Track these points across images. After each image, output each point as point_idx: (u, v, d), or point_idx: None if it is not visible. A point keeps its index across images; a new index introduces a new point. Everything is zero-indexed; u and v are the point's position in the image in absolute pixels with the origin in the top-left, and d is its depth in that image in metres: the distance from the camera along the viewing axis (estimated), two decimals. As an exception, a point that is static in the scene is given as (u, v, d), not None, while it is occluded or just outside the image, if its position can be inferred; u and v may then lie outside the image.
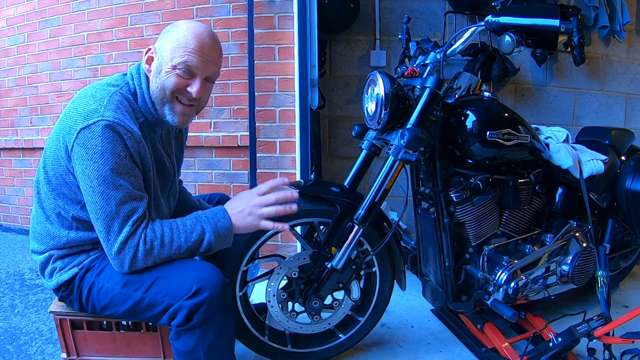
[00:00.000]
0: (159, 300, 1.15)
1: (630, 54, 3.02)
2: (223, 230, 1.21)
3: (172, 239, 1.16)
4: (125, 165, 1.12)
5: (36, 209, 1.28)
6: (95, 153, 1.09)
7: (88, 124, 1.10)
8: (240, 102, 2.67)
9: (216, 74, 1.26)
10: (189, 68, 1.18)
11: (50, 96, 3.15)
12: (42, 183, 1.24)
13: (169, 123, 1.24)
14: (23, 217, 3.42)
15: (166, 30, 1.22)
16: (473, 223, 1.61)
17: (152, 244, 1.14)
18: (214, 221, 1.20)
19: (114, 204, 1.11)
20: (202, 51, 1.18)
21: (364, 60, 2.82)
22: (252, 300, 1.64)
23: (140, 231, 1.13)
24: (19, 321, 1.99)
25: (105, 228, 1.12)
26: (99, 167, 1.10)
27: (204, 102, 1.28)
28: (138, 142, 1.15)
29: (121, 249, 1.12)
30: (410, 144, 1.38)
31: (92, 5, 2.92)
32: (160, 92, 1.21)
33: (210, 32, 1.22)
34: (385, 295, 1.63)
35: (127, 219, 1.12)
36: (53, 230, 1.23)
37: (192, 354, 1.16)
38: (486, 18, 1.45)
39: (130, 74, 1.26)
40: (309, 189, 1.53)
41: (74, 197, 1.19)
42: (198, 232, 1.18)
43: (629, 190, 1.80)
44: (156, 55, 1.21)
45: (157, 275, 1.16)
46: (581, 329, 1.47)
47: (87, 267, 1.23)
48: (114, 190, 1.11)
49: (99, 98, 1.14)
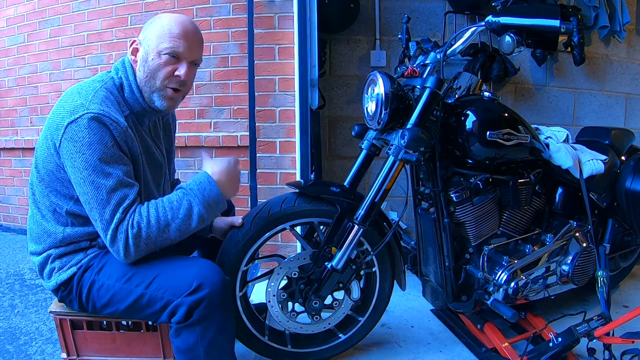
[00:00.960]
0: (159, 296, 1.16)
1: (630, 54, 3.02)
2: (212, 200, 1.21)
3: (159, 217, 1.16)
4: (114, 154, 1.15)
5: (32, 209, 1.30)
6: (83, 145, 1.12)
7: (74, 118, 1.13)
8: (240, 102, 2.67)
9: (200, 59, 1.32)
10: (176, 52, 1.23)
11: (50, 96, 3.15)
12: (35, 183, 1.26)
13: (157, 108, 1.28)
14: (23, 217, 3.42)
15: (149, 22, 1.28)
16: (473, 223, 1.61)
17: (139, 226, 1.14)
18: (200, 191, 1.20)
19: (104, 192, 1.13)
20: (186, 36, 1.24)
21: (364, 60, 2.82)
22: (252, 300, 1.64)
23: (128, 217, 1.14)
24: (19, 321, 1.99)
25: (98, 217, 1.14)
26: (87, 157, 1.12)
27: (189, 86, 1.33)
28: (124, 131, 1.18)
29: (114, 236, 1.14)
30: (411, 144, 1.38)
31: (92, 5, 2.93)
32: (150, 79, 1.25)
33: (192, 20, 1.29)
34: (385, 295, 1.63)
35: (117, 207, 1.13)
36: (49, 228, 1.25)
37: (192, 351, 1.16)
38: (487, 18, 1.45)
39: (115, 68, 1.30)
40: (309, 189, 1.53)
41: (66, 193, 1.21)
42: (185, 207, 1.18)
43: (629, 190, 1.80)
44: (141, 45, 1.26)
45: (158, 271, 1.18)
46: (581, 329, 1.47)
47: (86, 266, 1.24)
48: (103, 178, 1.13)
49: (84, 94, 1.18)
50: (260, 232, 1.45)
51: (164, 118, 1.46)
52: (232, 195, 1.30)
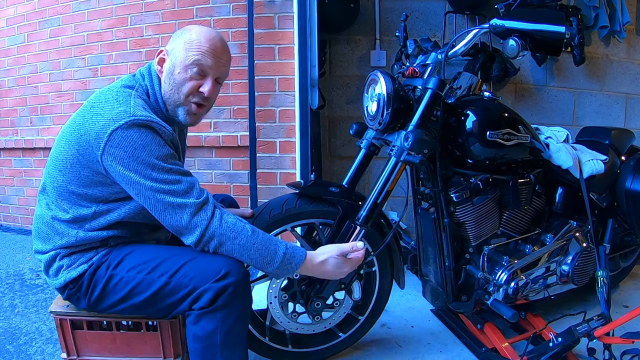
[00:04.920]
0: (185, 283, 1.17)
1: (630, 54, 3.02)
2: (287, 271, 1.24)
3: (246, 246, 1.18)
4: (168, 152, 1.16)
5: (42, 209, 1.28)
6: (135, 149, 1.11)
7: (119, 125, 1.11)
8: (240, 102, 2.67)
9: (225, 76, 1.31)
10: (202, 67, 1.22)
11: (50, 96, 3.15)
12: (56, 185, 1.24)
13: (180, 122, 1.28)
14: (23, 217, 3.42)
15: (178, 33, 1.27)
16: (473, 223, 1.61)
17: (224, 237, 1.16)
18: (288, 261, 1.22)
19: (174, 185, 1.14)
20: (214, 53, 1.23)
21: (364, 60, 2.82)
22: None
23: (211, 205, 1.16)
24: (19, 321, 1.99)
25: (172, 210, 1.14)
26: (144, 159, 1.12)
27: (212, 102, 1.32)
28: (171, 135, 1.20)
29: (195, 213, 1.14)
30: (415, 146, 1.37)
31: (92, 5, 2.93)
32: (174, 93, 1.24)
33: (222, 36, 1.28)
34: (384, 294, 1.63)
35: (190, 190, 1.15)
36: (62, 230, 1.23)
37: (209, 338, 1.17)
38: (491, 21, 1.45)
39: (141, 74, 1.28)
40: (310, 190, 1.53)
41: (98, 196, 1.21)
42: (268, 256, 1.20)
43: (629, 190, 1.80)
44: (168, 56, 1.24)
45: (184, 261, 1.19)
46: (581, 329, 1.47)
47: (98, 263, 1.23)
48: (166, 174, 1.14)
49: (122, 101, 1.17)
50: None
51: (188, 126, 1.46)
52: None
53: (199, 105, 1.27)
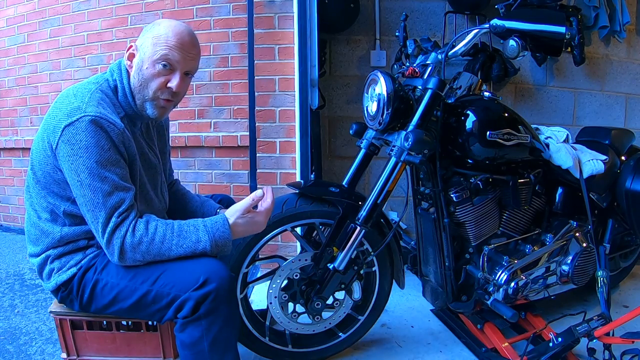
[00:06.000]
0: (165, 292, 1.16)
1: (630, 54, 3.02)
2: (221, 240, 1.22)
3: (164, 239, 1.17)
4: (110, 158, 1.15)
5: (28, 211, 1.30)
6: (80, 148, 1.12)
7: (71, 120, 1.13)
8: (240, 102, 2.67)
9: (194, 69, 1.31)
10: (170, 62, 1.23)
11: (50, 96, 3.14)
12: (31, 185, 1.27)
13: (149, 116, 1.29)
14: (23, 217, 3.38)
15: (147, 28, 1.27)
16: (473, 223, 1.61)
17: (141, 239, 1.15)
18: (212, 230, 1.21)
19: (100, 196, 1.13)
20: (182, 47, 1.23)
21: (364, 60, 2.82)
22: (251, 300, 1.64)
23: (127, 223, 1.15)
24: (19, 321, 1.99)
25: (94, 220, 1.15)
26: (84, 160, 1.12)
27: (181, 96, 1.33)
28: (121, 133, 1.18)
29: (109, 240, 1.14)
30: (415, 146, 1.37)
31: (92, 5, 2.92)
32: (143, 89, 1.25)
33: (190, 30, 1.28)
34: (384, 294, 1.63)
35: (113, 211, 1.14)
36: (46, 228, 1.25)
37: (196, 345, 1.17)
38: (491, 21, 1.45)
39: (111, 70, 1.30)
40: (310, 190, 1.53)
41: (63, 194, 1.22)
42: (193, 240, 1.19)
43: (629, 190, 1.80)
44: (138, 51, 1.25)
45: (163, 268, 1.18)
46: (581, 329, 1.47)
47: (87, 266, 1.24)
48: (100, 182, 1.13)
49: (80, 96, 1.18)
50: (262, 234, 1.45)
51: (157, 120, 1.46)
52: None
53: (167, 100, 1.28)
